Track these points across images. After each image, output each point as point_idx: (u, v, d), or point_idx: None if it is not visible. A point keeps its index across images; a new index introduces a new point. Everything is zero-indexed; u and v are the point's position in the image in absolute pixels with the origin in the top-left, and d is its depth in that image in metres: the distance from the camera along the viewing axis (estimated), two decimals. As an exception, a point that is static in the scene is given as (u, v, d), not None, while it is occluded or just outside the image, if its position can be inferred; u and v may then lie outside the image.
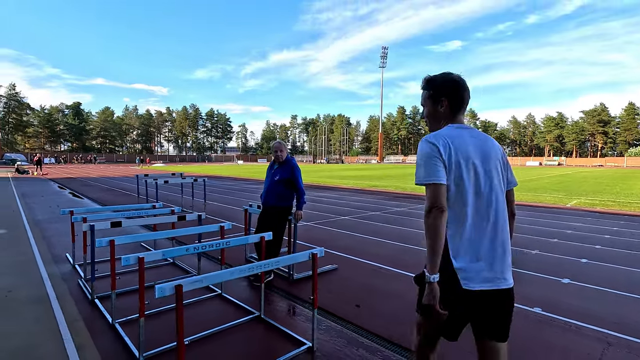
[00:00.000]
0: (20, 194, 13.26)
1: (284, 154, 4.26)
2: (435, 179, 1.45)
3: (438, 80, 1.67)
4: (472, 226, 1.48)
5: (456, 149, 1.49)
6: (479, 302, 1.49)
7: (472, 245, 1.47)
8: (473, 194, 1.49)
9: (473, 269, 1.46)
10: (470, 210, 1.48)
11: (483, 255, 1.48)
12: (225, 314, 3.34)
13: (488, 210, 1.51)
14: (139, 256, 2.41)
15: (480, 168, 1.52)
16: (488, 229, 1.49)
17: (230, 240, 3.03)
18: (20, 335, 2.89)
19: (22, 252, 5.33)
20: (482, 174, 1.52)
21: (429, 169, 1.47)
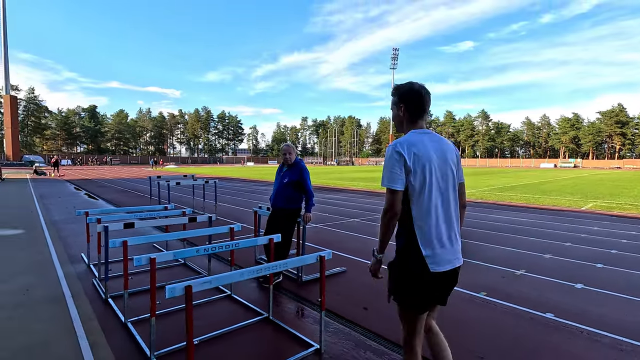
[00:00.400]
0: (38, 195, 13.63)
1: (292, 157, 4.29)
2: (394, 185, 1.70)
3: (401, 89, 1.90)
4: (434, 219, 1.74)
5: (419, 155, 1.73)
6: (442, 280, 1.78)
7: (437, 235, 1.74)
8: (434, 191, 1.75)
9: (438, 255, 1.73)
10: (433, 206, 1.74)
11: (445, 242, 1.76)
12: (234, 315, 3.38)
13: (446, 205, 1.78)
14: (150, 257, 2.47)
15: (439, 169, 1.77)
16: (447, 220, 1.78)
17: (240, 242, 3.07)
18: (36, 333, 2.98)
19: (39, 252, 5.48)
20: (440, 174, 1.78)
21: (390, 176, 1.71)
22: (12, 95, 54.26)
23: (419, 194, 1.73)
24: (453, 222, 1.81)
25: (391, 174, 1.71)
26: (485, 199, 13.28)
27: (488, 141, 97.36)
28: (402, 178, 1.70)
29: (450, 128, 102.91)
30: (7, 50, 50.90)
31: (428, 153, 1.75)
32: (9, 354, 2.64)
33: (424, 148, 1.75)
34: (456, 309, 3.51)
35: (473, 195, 14.77)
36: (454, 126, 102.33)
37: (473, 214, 9.67)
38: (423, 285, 1.74)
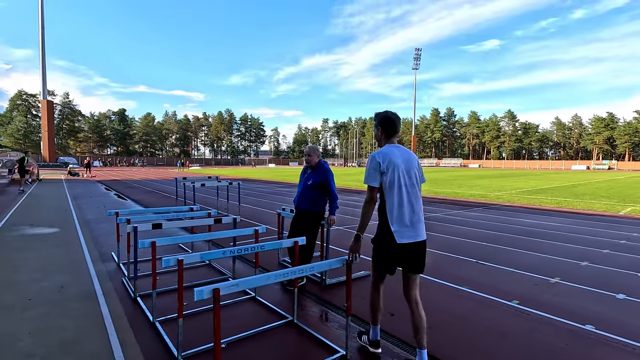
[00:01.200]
0: (72, 195, 14.27)
1: (313, 159, 4.25)
2: (372, 183, 2.48)
3: (379, 116, 2.65)
4: (401, 206, 2.45)
5: (390, 162, 2.46)
6: (405, 249, 2.46)
7: (402, 218, 2.45)
8: (402, 187, 2.47)
9: (402, 231, 2.45)
10: (399, 197, 2.46)
11: (407, 223, 2.46)
12: (258, 317, 3.38)
13: (410, 197, 2.49)
14: (178, 258, 2.49)
15: (405, 172, 2.49)
16: (410, 208, 2.48)
17: (265, 245, 3.06)
18: (70, 329, 3.08)
19: (73, 251, 5.71)
20: (406, 175, 2.49)
21: (370, 176, 2.49)
22: (49, 100, 57.26)
23: (390, 189, 2.46)
24: (415, 209, 2.49)
25: (370, 175, 2.48)
26: (512, 202, 12.81)
27: (515, 142, 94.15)
28: (378, 178, 2.46)
29: (474, 129, 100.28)
30: (44, 58, 53.79)
31: (397, 160, 2.48)
32: (46, 350, 2.74)
33: (394, 157, 2.49)
34: (489, 318, 3.37)
35: (500, 198, 14.28)
36: (479, 127, 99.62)
37: (500, 217, 9.33)
38: (391, 250, 2.48)
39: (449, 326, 3.21)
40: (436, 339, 2.95)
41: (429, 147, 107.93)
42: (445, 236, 6.98)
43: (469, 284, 4.26)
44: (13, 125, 71.15)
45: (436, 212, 10.21)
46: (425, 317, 2.61)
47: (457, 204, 12.48)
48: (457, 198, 14.28)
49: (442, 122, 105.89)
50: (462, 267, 4.98)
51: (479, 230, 7.56)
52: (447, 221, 8.72)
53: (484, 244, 6.34)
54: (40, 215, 9.24)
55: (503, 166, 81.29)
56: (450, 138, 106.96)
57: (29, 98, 77.40)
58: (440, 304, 3.71)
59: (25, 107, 76.40)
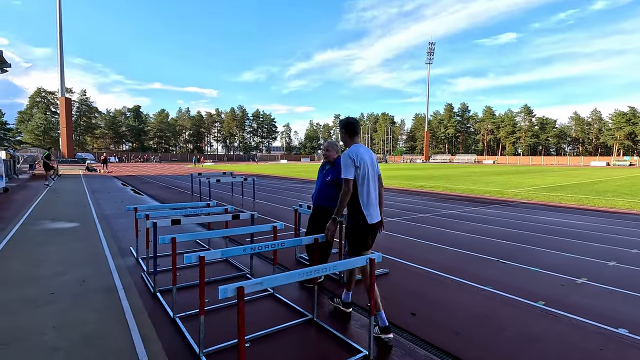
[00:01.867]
0: (90, 190, 14.56)
1: (332, 154, 4.18)
2: (349, 176, 2.89)
3: (342, 122, 3.18)
4: (369, 194, 2.98)
5: (361, 158, 2.96)
6: (373, 228, 3.01)
7: (370, 204, 2.98)
8: (369, 178, 2.99)
9: (371, 213, 2.98)
10: (367, 187, 2.97)
11: (374, 207, 3.02)
12: (277, 315, 3.35)
13: (375, 186, 3.07)
14: (200, 255, 2.47)
15: (370, 166, 3.03)
16: (374, 194, 3.05)
17: (285, 242, 3.02)
18: (92, 323, 3.11)
19: (93, 245, 5.79)
20: (370, 169, 3.02)
21: (348, 171, 2.90)
22: (67, 97, 58.57)
23: (362, 181, 2.95)
24: (376, 197, 3.08)
25: (348, 170, 2.90)
26: (531, 199, 12.49)
27: (531, 138, 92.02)
28: (353, 172, 2.91)
29: (489, 124, 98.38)
30: (62, 56, 54.97)
31: (365, 157, 3.01)
32: (69, 344, 2.77)
33: (362, 154, 2.99)
34: (515, 319, 3.25)
35: (517, 195, 13.96)
36: (494, 122, 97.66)
37: (519, 215, 9.10)
38: (364, 230, 2.98)
39: (473, 327, 3.11)
40: (460, 340, 2.87)
41: (442, 143, 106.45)
42: (463, 234, 6.84)
43: (492, 284, 4.14)
44: (33, 122, 73.11)
45: (452, 210, 10.03)
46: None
47: (473, 200, 12.24)
48: (473, 195, 14.01)
49: (455, 118, 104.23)
50: (483, 266, 4.85)
51: (498, 228, 7.38)
52: (464, 218, 8.55)
53: (504, 242, 6.18)
54: (61, 209, 9.44)
55: (518, 162, 79.66)
56: (464, 134, 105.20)
57: (47, 95, 79.37)
58: (462, 303, 3.61)
59: (45, 104, 78.39)
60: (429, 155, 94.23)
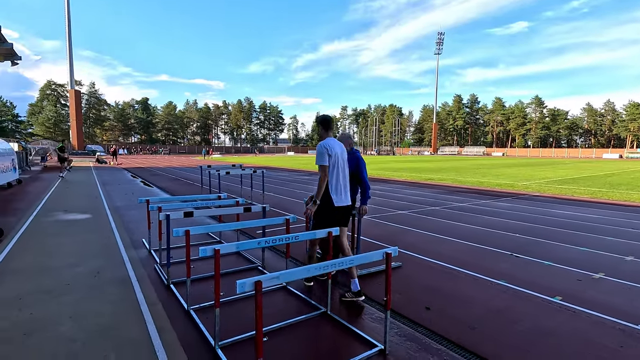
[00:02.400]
0: (101, 182, 14.73)
1: (345, 146, 4.13)
2: (325, 163, 3.40)
3: (319, 119, 3.65)
4: (337, 180, 3.46)
5: (333, 149, 3.45)
6: (339, 210, 3.48)
7: (337, 188, 3.46)
8: (338, 167, 3.48)
9: (338, 197, 3.46)
10: (336, 175, 3.46)
11: (341, 192, 3.49)
12: (291, 307, 3.34)
13: (342, 175, 3.53)
14: (215, 248, 2.46)
15: (340, 157, 3.52)
16: (343, 182, 3.52)
17: (299, 235, 2.99)
18: (108, 314, 3.14)
19: (106, 236, 5.85)
20: (340, 159, 3.52)
21: (323, 159, 3.40)
22: (76, 90, 59.05)
23: (332, 169, 3.46)
24: (345, 184, 3.57)
25: (323, 158, 3.41)
26: (542, 192, 12.30)
27: (542, 130, 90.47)
28: (327, 160, 3.41)
29: (499, 116, 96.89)
30: (71, 49, 55.27)
31: (336, 149, 3.51)
32: (86, 335, 2.80)
33: (334, 146, 3.50)
34: (532, 315, 3.20)
35: (528, 187, 13.76)
36: (504, 113, 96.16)
37: (531, 208, 8.97)
38: (330, 212, 3.48)
39: (488, 322, 3.07)
40: (475, 335, 2.83)
41: (450, 135, 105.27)
42: (474, 227, 6.76)
43: (506, 278, 4.09)
44: (44, 114, 73.96)
45: (463, 202, 9.92)
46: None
47: (483, 193, 12.10)
48: (483, 187, 13.85)
49: (464, 109, 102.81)
50: (496, 260, 4.79)
51: (510, 221, 7.28)
52: (475, 211, 8.45)
53: (516, 236, 6.09)
54: (73, 201, 9.56)
55: (528, 154, 78.57)
56: (473, 125, 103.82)
57: (57, 88, 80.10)
58: (476, 298, 3.57)
59: (55, 96, 79.17)
60: (437, 147, 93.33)
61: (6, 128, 67.53)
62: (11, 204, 8.93)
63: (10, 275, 4.06)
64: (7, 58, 17.78)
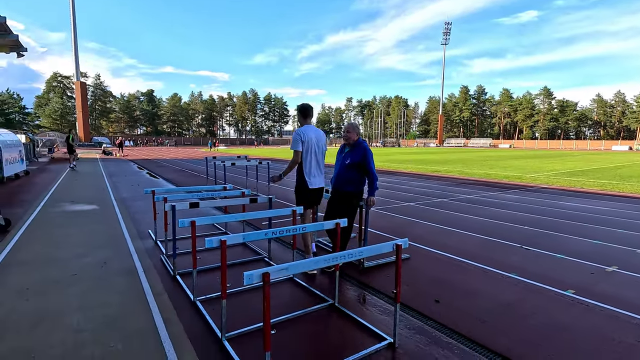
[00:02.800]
0: (107, 173, 14.79)
1: (352, 136, 4.05)
2: (298, 148, 3.78)
3: (299, 107, 3.94)
4: (310, 164, 3.84)
5: (307, 135, 3.79)
6: (314, 192, 3.92)
7: (311, 171, 3.84)
8: (311, 153, 3.84)
9: (313, 180, 3.87)
10: (309, 158, 3.84)
11: (315, 175, 3.88)
12: (297, 299, 3.31)
13: (317, 159, 3.90)
14: (221, 239, 2.41)
15: (315, 143, 3.86)
16: (317, 166, 3.91)
17: (307, 226, 2.94)
18: (114, 305, 3.13)
19: (113, 227, 5.86)
20: (315, 146, 3.86)
21: (297, 144, 3.77)
22: (82, 81, 59.17)
23: (306, 154, 3.82)
24: (320, 168, 3.97)
25: (296, 144, 3.78)
26: (551, 184, 12.13)
27: (550, 121, 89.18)
28: (300, 146, 3.77)
29: (506, 107, 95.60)
30: (76, 40, 55.22)
31: (310, 135, 3.84)
32: (93, 326, 2.79)
33: (309, 133, 3.85)
34: (544, 308, 3.13)
35: (537, 179, 13.58)
36: (511, 105, 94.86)
37: (540, 200, 8.84)
38: (306, 193, 3.90)
39: (499, 315, 3.01)
40: (486, 328, 2.77)
41: (456, 127, 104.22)
42: (483, 219, 6.66)
43: (517, 270, 4.01)
44: (50, 106, 74.38)
45: (470, 194, 9.81)
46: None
47: (491, 185, 11.96)
48: (491, 179, 13.69)
49: (471, 101, 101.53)
50: (506, 252, 4.71)
51: (519, 214, 7.17)
52: (483, 203, 8.34)
53: (526, 228, 6.00)
54: (80, 192, 9.60)
55: (536, 146, 77.67)
56: (480, 117, 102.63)
57: (63, 80, 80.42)
58: (486, 291, 3.50)
59: (61, 88, 79.53)
60: (442, 139, 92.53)
61: (13, 120, 68.13)
62: (19, 195, 8.99)
63: (17, 266, 4.07)
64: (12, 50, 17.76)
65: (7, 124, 60.37)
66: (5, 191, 9.62)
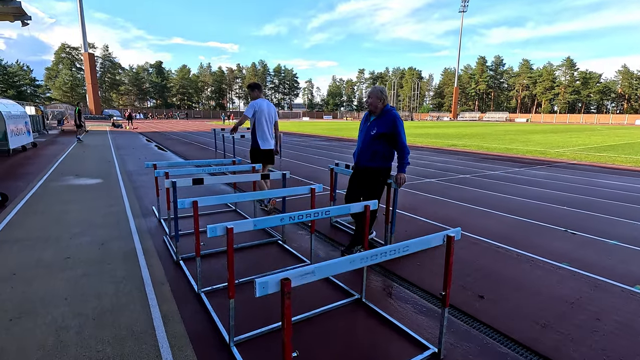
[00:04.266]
0: (115, 145, 14.45)
1: (376, 103, 3.43)
2: (249, 115, 5.07)
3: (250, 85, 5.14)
4: (262, 130, 5.06)
5: (260, 106, 5.03)
6: (264, 152, 5.12)
7: (263, 136, 5.09)
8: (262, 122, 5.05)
9: (263, 143, 5.09)
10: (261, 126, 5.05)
11: (267, 139, 5.12)
12: (318, 293, 2.85)
13: (268, 127, 5.14)
14: (227, 227, 1.92)
15: (266, 113, 5.08)
16: (267, 132, 5.12)
17: (330, 210, 2.43)
18: (108, 296, 2.73)
19: (115, 203, 5.47)
20: (267, 115, 5.09)
21: (248, 111, 5.04)
22: (90, 53, 58.30)
23: (258, 122, 4.98)
24: (269, 133, 5.10)
25: (249, 111, 4.98)
26: (580, 160, 11.32)
27: (571, 94, 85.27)
28: (252, 112, 4.97)
29: (525, 79, 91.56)
30: (82, 10, 53.88)
31: (263, 106, 5.01)
32: (79, 321, 2.39)
33: (261, 104, 5.00)
34: (611, 308, 2.61)
35: (563, 155, 12.74)
36: (530, 77, 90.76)
37: (573, 177, 8.15)
38: (258, 153, 5.03)
39: (561, 318, 2.51)
40: (549, 335, 2.28)
41: (472, 100, 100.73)
42: (516, 198, 6.07)
43: (567, 260, 3.48)
44: (60, 78, 73.97)
45: (494, 170, 9.14)
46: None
47: (514, 161, 11.22)
48: (513, 154, 12.90)
49: (488, 72, 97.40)
50: (550, 237, 4.16)
51: (554, 192, 6.54)
52: (512, 180, 7.71)
53: (565, 209, 5.40)
54: (85, 165, 9.26)
55: (554, 121, 74.81)
56: (497, 90, 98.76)
57: (72, 51, 79.40)
58: (538, 285, 2.99)
59: (69, 60, 78.69)
60: (457, 112, 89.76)
61: (25, 92, 68.19)
62: (22, 168, 8.69)
63: (8, 246, 3.71)
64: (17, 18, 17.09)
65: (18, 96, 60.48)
66: (10, 163, 9.34)
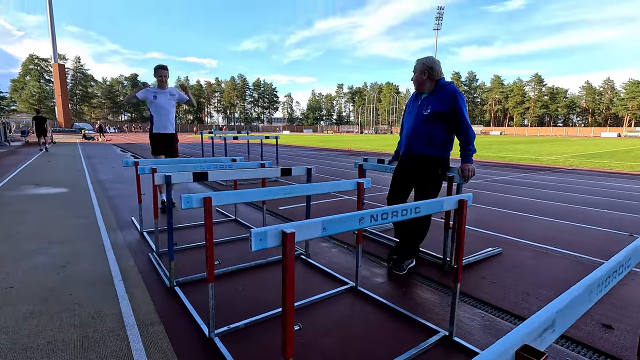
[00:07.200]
0: (86, 155, 13.13)
1: (423, 77, 2.69)
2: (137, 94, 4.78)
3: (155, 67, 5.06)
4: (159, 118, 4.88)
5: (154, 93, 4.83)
6: (162, 137, 4.94)
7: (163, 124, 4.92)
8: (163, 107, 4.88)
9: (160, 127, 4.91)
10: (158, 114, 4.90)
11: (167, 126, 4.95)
12: (311, 281, 2.02)
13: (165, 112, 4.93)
14: (284, 231, 1.08)
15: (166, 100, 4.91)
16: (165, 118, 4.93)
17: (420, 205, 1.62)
18: (67, 351, 1.79)
19: (83, 214, 4.44)
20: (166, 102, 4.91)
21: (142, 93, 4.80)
22: (60, 63, 55.76)
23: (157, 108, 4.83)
24: (170, 119, 4.95)
25: (142, 93, 4.76)
26: (576, 166, 11.08)
27: (541, 108, 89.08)
28: (141, 94, 4.75)
29: (497, 94, 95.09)
30: (52, 19, 51.65)
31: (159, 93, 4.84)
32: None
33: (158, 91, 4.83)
34: None
35: (556, 162, 12.54)
36: (502, 92, 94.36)
37: (589, 181, 7.73)
38: (155, 139, 4.87)
39: None
40: None
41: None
42: (547, 202, 5.47)
43: None
44: (27, 90, 70.20)
45: (503, 175, 8.64)
46: None
47: (514, 167, 10.84)
48: (509, 162, 12.58)
49: (462, 87, 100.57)
50: (612, 243, 3.52)
51: (584, 196, 6.02)
52: (528, 185, 7.17)
53: (611, 213, 4.83)
54: (49, 174, 8.06)
55: (526, 133, 77.51)
56: (471, 104, 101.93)
57: (40, 62, 75.83)
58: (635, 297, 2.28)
59: (38, 71, 75.03)
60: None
61: (-13, 105, 64.08)
62: (-28, 178, 7.41)
63: None
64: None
65: (-21, 109, 56.62)
66: (-43, 173, 8.00)
